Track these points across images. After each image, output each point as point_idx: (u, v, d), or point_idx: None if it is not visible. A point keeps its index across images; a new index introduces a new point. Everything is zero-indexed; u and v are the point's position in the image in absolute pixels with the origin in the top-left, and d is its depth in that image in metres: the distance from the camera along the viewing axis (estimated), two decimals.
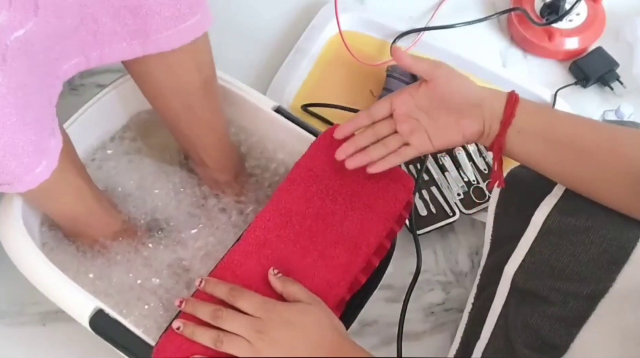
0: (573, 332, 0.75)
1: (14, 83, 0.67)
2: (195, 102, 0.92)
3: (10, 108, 0.68)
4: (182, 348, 0.79)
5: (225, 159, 1.02)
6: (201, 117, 0.94)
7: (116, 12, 0.77)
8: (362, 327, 1.05)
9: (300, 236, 0.87)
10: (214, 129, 0.98)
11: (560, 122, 0.76)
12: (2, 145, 0.69)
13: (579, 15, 1.30)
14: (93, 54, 0.81)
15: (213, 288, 0.80)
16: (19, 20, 0.67)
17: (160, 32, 0.81)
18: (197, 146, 0.99)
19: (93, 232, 0.95)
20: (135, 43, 0.82)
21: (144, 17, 0.79)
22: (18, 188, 0.76)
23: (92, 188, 0.92)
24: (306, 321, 0.76)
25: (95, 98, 1.00)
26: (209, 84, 0.92)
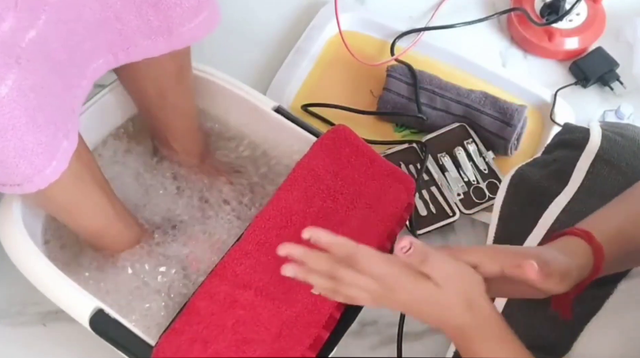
0: (575, 332, 0.75)
1: (27, 85, 0.68)
2: (168, 88, 0.93)
3: (21, 110, 0.68)
4: (182, 348, 0.80)
5: (192, 144, 1.03)
6: (172, 103, 0.96)
7: (138, 8, 0.79)
8: (362, 327, 1.05)
9: (301, 236, 0.86)
10: (184, 115, 0.99)
11: (635, 243, 0.70)
12: (11, 146, 0.69)
13: (579, 15, 1.30)
14: (120, 52, 0.83)
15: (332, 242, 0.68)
16: (28, 21, 0.67)
17: (183, 24, 0.82)
18: (166, 130, 1.00)
19: (114, 245, 0.96)
20: (160, 39, 0.83)
21: (165, 11, 0.80)
22: (28, 189, 0.75)
23: (113, 203, 0.92)
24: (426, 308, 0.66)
25: (95, 98, 1.00)
26: (183, 71, 0.94)
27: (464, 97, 1.17)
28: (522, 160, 0.97)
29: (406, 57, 1.23)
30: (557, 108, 1.20)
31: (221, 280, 0.84)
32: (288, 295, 0.83)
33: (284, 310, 0.83)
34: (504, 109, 1.15)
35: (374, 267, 0.64)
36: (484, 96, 1.17)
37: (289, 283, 0.84)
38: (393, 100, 1.19)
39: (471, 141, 1.15)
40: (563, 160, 0.87)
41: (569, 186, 0.82)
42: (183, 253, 0.99)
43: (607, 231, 0.69)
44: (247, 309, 0.82)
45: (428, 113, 1.17)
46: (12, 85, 0.66)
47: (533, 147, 1.19)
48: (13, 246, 0.88)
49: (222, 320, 0.82)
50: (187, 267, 0.98)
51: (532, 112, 1.21)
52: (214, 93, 1.03)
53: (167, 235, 1.00)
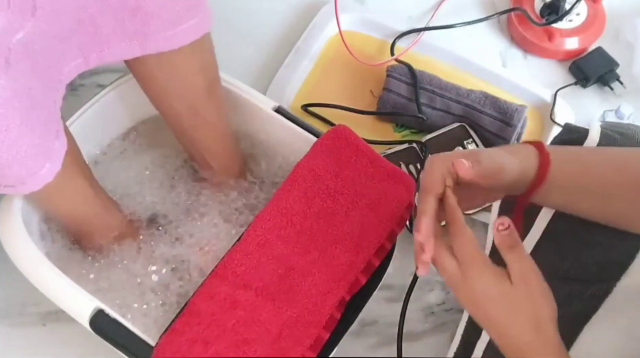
0: (576, 331, 0.75)
1: (19, 86, 0.67)
2: (199, 104, 0.92)
3: (15, 112, 0.68)
4: (182, 349, 0.80)
5: (230, 161, 1.02)
6: (206, 119, 0.94)
7: (115, 13, 0.77)
8: (362, 327, 1.05)
9: (301, 236, 0.87)
10: (219, 131, 0.98)
11: (589, 170, 0.72)
12: (5, 148, 0.69)
13: (579, 15, 1.30)
14: (92, 54, 0.81)
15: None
16: (18, 22, 0.67)
17: (159, 33, 0.81)
18: (201, 149, 0.99)
19: (97, 234, 0.95)
20: (135, 43, 0.81)
21: (142, 18, 0.79)
22: (22, 191, 0.76)
23: (96, 191, 0.92)
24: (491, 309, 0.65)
25: (95, 98, 1.00)
26: (213, 85, 0.92)
27: (464, 97, 1.17)
28: None
29: (406, 57, 1.23)
30: (557, 108, 1.20)
31: (221, 280, 0.84)
32: (288, 296, 0.84)
33: (284, 311, 0.83)
34: (504, 109, 1.15)
35: (466, 248, 0.65)
36: (484, 96, 1.17)
37: (289, 283, 0.84)
38: (393, 100, 1.19)
39: (471, 141, 1.15)
40: None
41: None
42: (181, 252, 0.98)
43: (560, 149, 0.72)
44: (248, 310, 0.82)
45: (428, 113, 1.17)
46: (5, 85, 0.66)
47: None
48: (13, 246, 0.88)
49: (222, 320, 0.82)
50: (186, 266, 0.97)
51: (532, 112, 1.21)
52: None
53: (165, 235, 1.00)
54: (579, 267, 0.77)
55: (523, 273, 0.64)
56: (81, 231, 0.95)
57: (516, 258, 0.64)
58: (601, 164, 0.73)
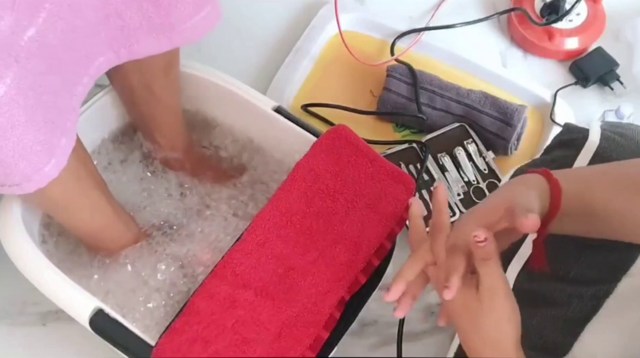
0: (576, 332, 0.75)
1: (25, 84, 0.68)
2: (155, 82, 0.93)
3: (20, 109, 0.68)
4: (182, 348, 0.80)
5: (176, 137, 1.03)
6: (158, 96, 0.95)
7: (139, 6, 0.79)
8: (362, 327, 1.05)
9: (301, 236, 0.87)
10: (169, 110, 0.99)
11: (595, 199, 0.71)
12: (11, 146, 0.69)
13: (579, 15, 1.30)
14: (122, 49, 0.83)
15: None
16: (27, 19, 0.67)
17: (184, 21, 0.82)
18: (151, 125, 1.00)
19: (110, 243, 0.96)
20: (162, 36, 0.83)
21: (166, 8, 0.80)
22: (27, 189, 0.75)
23: (111, 202, 0.92)
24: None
25: (94, 98, 1.00)
26: (171, 65, 0.94)
27: (464, 97, 1.17)
28: (522, 160, 0.97)
29: (406, 57, 1.23)
30: (557, 108, 1.20)
31: (221, 280, 0.84)
32: (288, 295, 0.84)
33: (284, 310, 0.83)
34: (504, 109, 1.15)
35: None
36: (484, 96, 1.17)
37: (289, 283, 0.84)
38: (393, 100, 1.19)
39: (471, 141, 1.15)
40: (562, 160, 0.87)
41: None
42: (182, 252, 0.99)
43: (567, 174, 0.72)
44: (247, 309, 0.82)
45: (428, 113, 1.17)
46: (11, 83, 0.66)
47: (533, 147, 1.19)
48: (13, 246, 0.88)
49: (222, 320, 0.82)
50: (185, 265, 0.98)
51: (532, 112, 1.21)
52: (214, 93, 1.03)
53: (165, 235, 1.00)
54: (580, 268, 0.77)
55: (491, 288, 0.64)
56: (94, 241, 0.96)
57: (488, 272, 0.64)
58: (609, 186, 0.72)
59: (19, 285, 0.90)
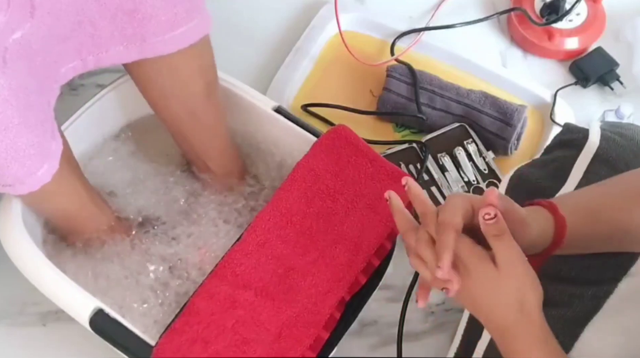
0: (577, 332, 0.75)
1: (15, 85, 0.67)
2: (198, 107, 0.92)
3: (13, 110, 0.68)
4: (182, 349, 0.80)
5: (230, 163, 1.02)
6: (204, 122, 0.94)
7: (113, 15, 0.77)
8: (362, 327, 1.05)
9: (301, 236, 0.87)
10: (218, 134, 0.97)
11: (600, 219, 0.71)
12: (4, 147, 0.69)
13: (579, 15, 1.30)
14: (90, 57, 0.81)
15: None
16: (16, 22, 0.67)
17: (157, 35, 0.81)
18: (200, 152, 0.98)
19: (86, 228, 0.95)
20: (132, 47, 0.82)
21: (140, 21, 0.79)
22: (20, 191, 0.75)
23: (86, 186, 0.92)
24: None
25: (94, 98, 1.00)
26: (211, 88, 0.92)
27: (464, 97, 1.17)
28: (522, 160, 0.97)
29: (406, 57, 1.23)
30: (557, 108, 1.20)
31: (221, 280, 0.84)
32: (288, 296, 0.84)
33: (284, 311, 0.83)
34: (504, 109, 1.15)
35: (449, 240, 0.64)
36: (484, 96, 1.17)
37: (289, 283, 0.84)
38: (393, 100, 1.19)
39: (471, 141, 1.15)
40: (562, 160, 0.87)
41: (566, 185, 0.82)
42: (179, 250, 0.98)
43: (572, 204, 0.71)
44: (247, 309, 0.82)
45: (428, 113, 1.17)
46: (3, 84, 0.66)
47: (533, 147, 1.19)
48: (13, 246, 0.88)
49: (222, 320, 0.82)
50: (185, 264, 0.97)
51: (532, 112, 1.21)
52: None
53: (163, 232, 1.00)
54: (580, 267, 0.77)
55: (510, 261, 0.64)
56: (70, 227, 0.95)
57: (503, 247, 0.64)
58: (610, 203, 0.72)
59: (19, 285, 0.90)
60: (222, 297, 0.83)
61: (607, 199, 0.72)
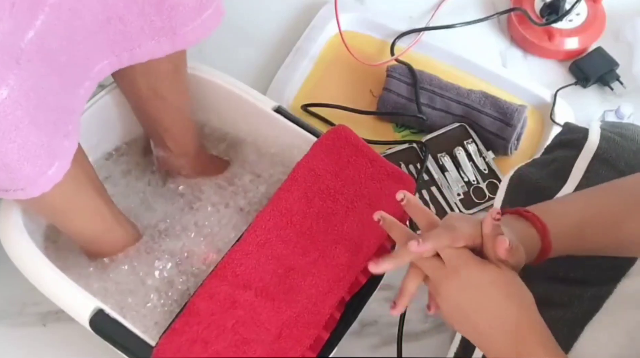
0: (576, 332, 0.75)
1: (27, 86, 0.68)
2: (163, 86, 0.93)
3: (23, 111, 0.68)
4: (182, 349, 0.80)
5: (187, 142, 1.03)
6: (168, 100, 0.95)
7: (141, 9, 0.78)
8: (362, 327, 1.05)
9: (301, 236, 0.87)
10: (179, 113, 0.99)
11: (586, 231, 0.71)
12: (16, 149, 0.69)
13: (579, 15, 1.30)
14: (124, 53, 0.82)
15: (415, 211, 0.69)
16: (26, 22, 0.67)
17: (186, 24, 0.82)
18: (160, 129, 0.99)
19: (109, 247, 0.96)
20: (164, 40, 0.83)
21: (168, 12, 0.80)
22: (32, 193, 0.75)
23: (109, 206, 0.92)
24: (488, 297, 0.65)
25: (94, 98, 1.00)
26: (179, 70, 0.94)
27: (464, 97, 1.17)
28: (522, 160, 0.97)
29: (406, 57, 1.23)
30: (557, 108, 1.20)
31: (221, 280, 0.84)
32: (288, 296, 0.84)
33: (284, 311, 0.83)
34: (504, 109, 1.15)
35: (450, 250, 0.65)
36: (484, 96, 1.17)
37: (289, 283, 0.84)
38: (393, 100, 1.19)
39: (471, 141, 1.15)
40: (562, 160, 0.87)
41: (566, 186, 0.82)
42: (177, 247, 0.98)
43: (562, 229, 0.70)
44: (247, 309, 0.82)
45: (428, 113, 1.17)
46: (14, 85, 0.66)
47: (533, 147, 1.19)
48: (13, 246, 0.88)
49: (222, 320, 0.82)
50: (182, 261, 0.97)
51: (532, 112, 1.21)
52: (214, 93, 1.03)
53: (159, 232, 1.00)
54: (580, 268, 0.77)
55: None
56: (94, 246, 0.96)
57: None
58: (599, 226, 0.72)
59: (19, 285, 0.90)
60: (222, 297, 0.83)
61: (594, 216, 0.72)
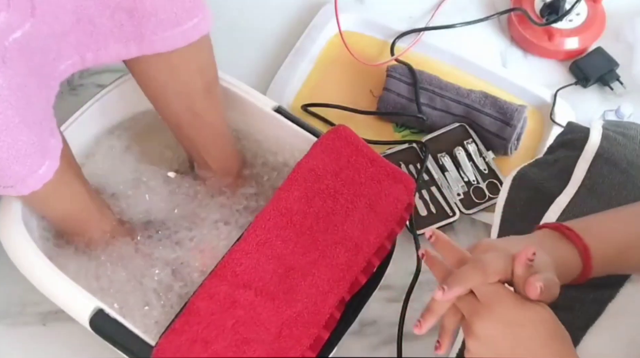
0: (578, 335, 0.75)
1: (15, 84, 0.67)
2: (197, 104, 0.92)
3: (13, 109, 0.68)
4: (182, 349, 0.80)
5: (228, 161, 1.02)
6: (204, 119, 0.94)
7: (112, 13, 0.77)
8: (362, 327, 1.05)
9: (301, 236, 0.87)
10: (217, 132, 0.98)
11: (630, 252, 0.69)
12: (6, 147, 0.69)
13: (579, 15, 1.30)
14: (88, 54, 0.81)
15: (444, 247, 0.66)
16: (16, 22, 0.67)
17: (156, 34, 0.81)
18: (200, 149, 0.99)
19: (88, 230, 0.95)
20: (131, 44, 0.82)
21: (139, 19, 0.79)
22: (22, 191, 0.75)
23: (87, 188, 0.92)
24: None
25: (94, 98, 1.00)
26: (211, 86, 0.92)
27: (464, 97, 1.17)
28: (522, 160, 0.97)
29: (406, 57, 1.23)
30: (557, 108, 1.20)
31: (221, 280, 0.84)
32: (288, 295, 0.84)
33: (284, 310, 0.83)
34: (504, 109, 1.15)
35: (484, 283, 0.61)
36: (484, 96, 1.17)
37: (289, 283, 0.84)
38: (393, 100, 1.19)
39: (471, 141, 1.15)
40: (564, 160, 0.87)
41: (569, 186, 0.82)
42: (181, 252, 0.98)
43: (605, 252, 0.67)
44: (247, 309, 0.82)
45: (428, 113, 1.17)
46: (3, 84, 0.66)
47: (533, 147, 1.19)
48: (13, 246, 0.88)
49: (222, 320, 0.82)
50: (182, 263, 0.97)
51: (532, 112, 1.21)
52: None
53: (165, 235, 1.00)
54: None
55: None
56: (73, 229, 0.95)
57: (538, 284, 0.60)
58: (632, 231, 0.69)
59: (19, 285, 0.90)
60: (222, 296, 0.83)
61: (638, 236, 0.69)
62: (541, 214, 0.82)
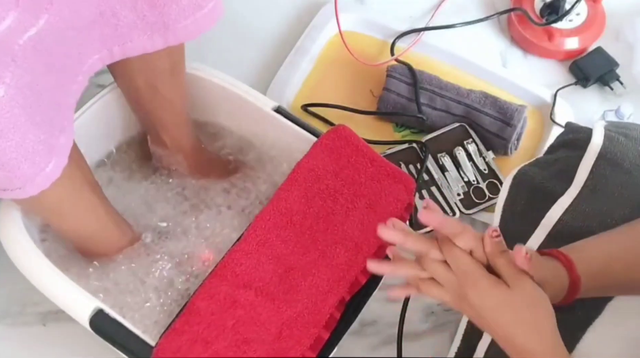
0: (577, 335, 0.75)
1: (23, 83, 0.68)
2: (160, 82, 0.93)
3: (19, 109, 0.68)
4: (183, 349, 0.80)
5: (183, 139, 1.03)
6: (165, 97, 0.95)
7: (134, 4, 0.79)
8: (362, 327, 1.05)
9: (301, 236, 0.87)
10: (176, 110, 0.99)
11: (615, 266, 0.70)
12: (14, 146, 0.69)
13: (579, 15, 1.30)
14: (115, 47, 0.83)
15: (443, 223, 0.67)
16: (29, 20, 0.67)
17: (179, 21, 0.82)
18: (157, 125, 1.00)
19: (105, 248, 0.96)
20: (156, 35, 0.83)
21: (161, 8, 0.80)
22: (30, 192, 0.75)
23: (105, 205, 0.92)
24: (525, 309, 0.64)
25: (94, 98, 1.00)
26: (176, 65, 0.94)
27: (464, 97, 1.17)
28: (522, 160, 0.97)
29: (406, 57, 1.23)
30: (557, 108, 1.20)
31: (221, 280, 0.84)
32: (288, 295, 0.84)
33: (284, 310, 0.83)
34: (504, 109, 1.15)
35: (463, 259, 0.65)
36: (484, 96, 1.17)
37: (289, 283, 0.84)
38: (393, 100, 1.19)
39: (471, 141, 1.15)
40: (565, 160, 0.87)
41: (572, 186, 0.82)
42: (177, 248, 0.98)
43: (590, 265, 0.69)
44: (247, 309, 0.82)
45: (428, 113, 1.17)
46: (10, 83, 0.66)
47: (533, 147, 1.19)
48: (13, 246, 0.88)
49: (222, 320, 0.82)
50: (182, 263, 0.97)
51: (532, 112, 1.21)
52: (214, 93, 1.03)
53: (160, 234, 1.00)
54: None
55: (517, 276, 0.64)
56: (89, 247, 0.95)
57: (507, 262, 0.64)
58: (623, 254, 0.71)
59: (19, 285, 0.90)
60: (222, 297, 0.83)
61: (621, 251, 0.71)
62: (541, 214, 0.82)
